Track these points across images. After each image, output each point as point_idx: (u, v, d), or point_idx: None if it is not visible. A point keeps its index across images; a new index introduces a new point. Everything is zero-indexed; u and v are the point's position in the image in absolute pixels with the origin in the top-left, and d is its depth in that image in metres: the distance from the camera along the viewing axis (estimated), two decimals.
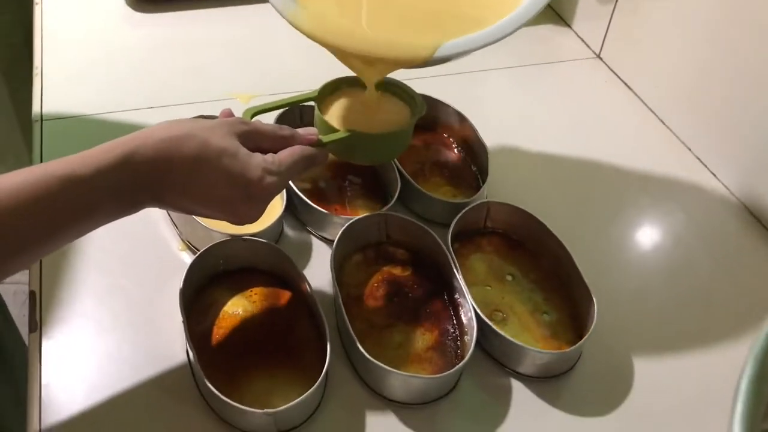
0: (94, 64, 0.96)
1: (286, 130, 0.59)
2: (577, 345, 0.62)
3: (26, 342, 0.64)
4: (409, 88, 0.69)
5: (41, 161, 0.80)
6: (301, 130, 0.60)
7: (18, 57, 1.39)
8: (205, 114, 0.79)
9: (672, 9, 0.90)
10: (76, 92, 0.91)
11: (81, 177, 0.48)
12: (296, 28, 0.62)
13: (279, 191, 0.56)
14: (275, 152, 0.56)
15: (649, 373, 0.65)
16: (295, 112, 0.82)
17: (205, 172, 0.52)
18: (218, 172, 0.52)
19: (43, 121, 0.85)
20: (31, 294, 0.66)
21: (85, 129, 0.85)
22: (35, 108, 0.87)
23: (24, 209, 0.45)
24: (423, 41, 0.60)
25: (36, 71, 0.93)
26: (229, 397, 0.58)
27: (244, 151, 0.53)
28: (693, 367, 0.67)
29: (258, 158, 0.54)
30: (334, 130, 0.64)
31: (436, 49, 0.60)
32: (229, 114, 0.59)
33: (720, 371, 0.66)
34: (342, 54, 0.63)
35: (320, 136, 0.62)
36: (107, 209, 0.50)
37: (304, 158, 0.58)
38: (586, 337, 0.62)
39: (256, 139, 0.56)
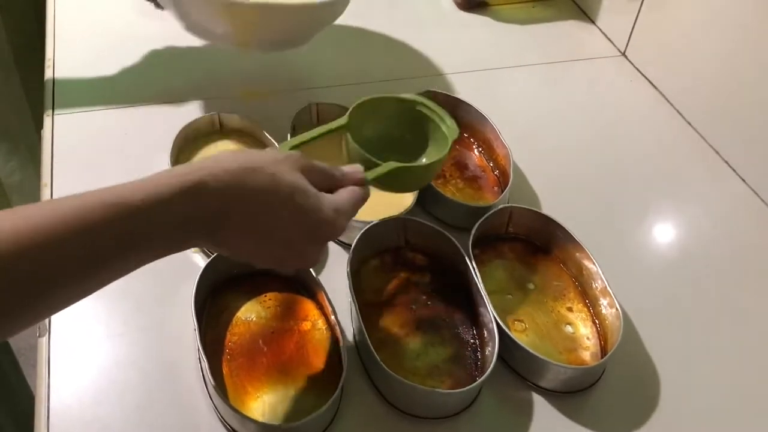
0: (107, 56, 0.93)
1: (337, 170, 0.56)
2: (602, 360, 0.60)
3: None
4: (441, 109, 0.67)
5: (52, 155, 0.78)
6: (345, 168, 0.57)
7: (31, 46, 1.37)
8: (214, 111, 0.78)
9: (701, 6, 0.87)
10: (89, 85, 0.89)
11: (134, 206, 0.42)
12: None
13: (342, 234, 0.54)
14: (324, 189, 0.53)
15: (677, 388, 0.63)
16: (313, 112, 0.80)
17: (276, 207, 0.48)
18: (290, 209, 0.49)
19: (55, 115, 0.83)
20: None
21: (98, 122, 0.83)
22: (47, 101, 0.85)
23: (64, 237, 0.40)
24: None
25: (48, 63, 0.91)
26: (242, 408, 0.56)
27: (312, 189, 0.50)
28: (723, 382, 0.64)
29: (327, 198, 0.52)
30: (371, 162, 0.61)
31: None
32: None
33: (752, 385, 0.64)
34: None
35: (365, 174, 0.58)
36: (156, 245, 0.45)
37: (361, 200, 0.55)
38: (611, 351, 0.60)
39: (312, 174, 0.52)
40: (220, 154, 0.49)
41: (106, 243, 0.42)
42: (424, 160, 0.68)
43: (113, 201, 0.42)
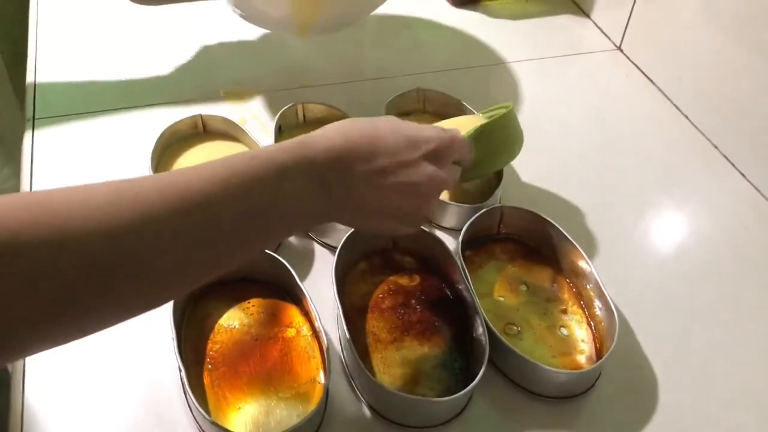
0: (89, 60, 0.92)
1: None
2: (597, 364, 0.58)
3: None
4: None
5: (32, 161, 0.76)
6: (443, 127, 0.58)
7: (21, 51, 1.36)
8: (203, 113, 0.76)
9: None
10: (70, 89, 0.87)
11: (279, 163, 0.44)
12: None
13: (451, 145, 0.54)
14: None
15: (675, 391, 0.61)
16: (299, 112, 0.78)
17: (384, 137, 0.49)
18: (396, 134, 0.50)
19: (36, 119, 0.81)
20: None
21: (79, 127, 0.81)
22: (28, 106, 0.84)
23: (234, 193, 0.42)
24: None
25: (30, 68, 0.89)
26: (223, 419, 0.54)
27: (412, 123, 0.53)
28: (723, 384, 0.62)
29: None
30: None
31: None
32: None
33: (753, 387, 0.62)
34: None
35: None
36: (300, 200, 0.46)
37: (461, 144, 0.56)
38: (606, 355, 0.57)
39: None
40: (328, 127, 0.49)
41: (255, 199, 0.43)
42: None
43: (261, 157, 0.44)
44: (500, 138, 0.65)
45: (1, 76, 1.39)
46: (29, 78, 0.88)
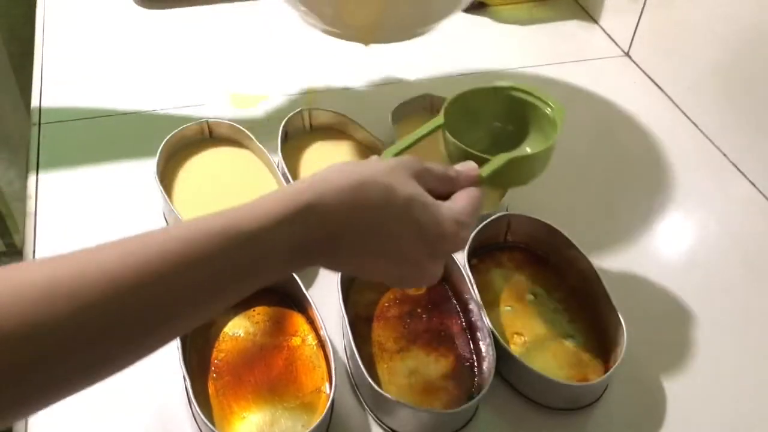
0: (95, 64, 0.92)
1: (451, 170, 0.51)
2: (604, 376, 0.57)
3: None
4: (540, 91, 0.62)
5: (38, 166, 0.76)
6: (459, 167, 0.52)
7: (28, 52, 1.36)
8: (209, 118, 0.76)
9: (706, 4, 0.84)
10: (78, 93, 0.87)
11: (248, 233, 0.40)
12: None
13: (464, 246, 0.53)
14: (441, 194, 0.48)
15: (683, 403, 0.60)
16: (305, 118, 0.78)
17: (392, 223, 0.45)
18: (407, 224, 0.45)
19: (42, 124, 0.81)
20: None
21: (85, 131, 0.81)
22: (34, 111, 0.84)
23: (174, 272, 0.38)
24: None
25: (36, 70, 0.89)
26: (227, 429, 0.54)
27: (431, 199, 0.46)
28: (733, 395, 0.61)
29: (446, 209, 0.47)
30: (476, 157, 0.54)
31: None
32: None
33: (764, 400, 0.61)
34: None
35: (479, 171, 0.52)
36: (275, 269, 0.42)
37: (480, 203, 0.50)
38: (614, 368, 0.57)
39: (427, 180, 0.48)
40: (329, 170, 0.45)
41: (218, 274, 0.39)
42: (528, 150, 0.62)
43: (220, 231, 0.39)
44: (516, 174, 0.58)
45: (8, 78, 1.39)
46: (36, 83, 0.88)
